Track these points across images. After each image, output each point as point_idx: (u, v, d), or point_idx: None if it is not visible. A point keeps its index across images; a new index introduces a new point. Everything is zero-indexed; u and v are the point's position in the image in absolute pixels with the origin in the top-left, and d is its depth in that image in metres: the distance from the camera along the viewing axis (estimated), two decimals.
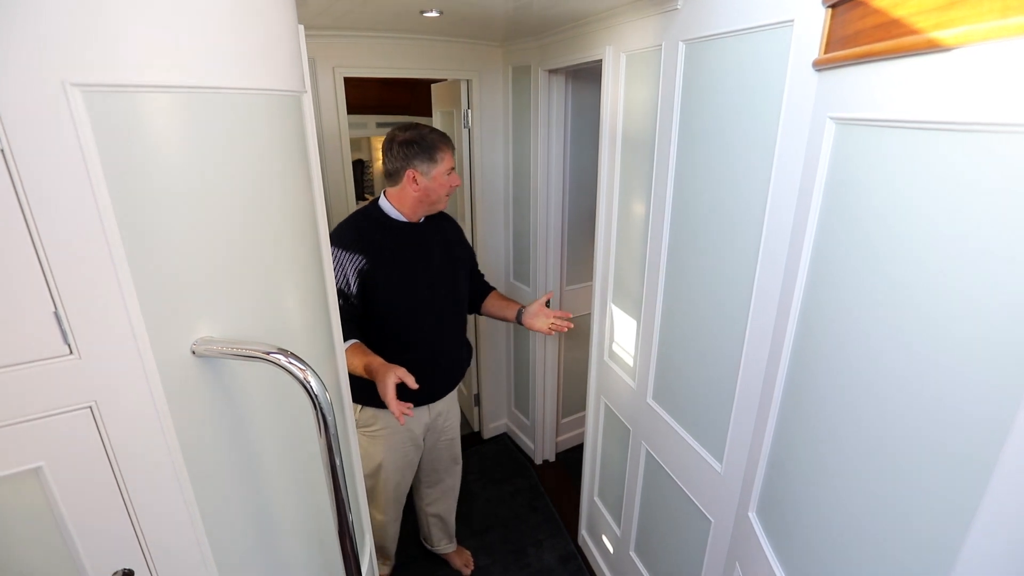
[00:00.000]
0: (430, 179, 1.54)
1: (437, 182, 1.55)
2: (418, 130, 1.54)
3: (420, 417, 1.77)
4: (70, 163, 0.55)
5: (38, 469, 0.60)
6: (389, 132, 1.57)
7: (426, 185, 1.55)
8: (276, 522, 0.87)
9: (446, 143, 1.56)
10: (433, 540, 2.20)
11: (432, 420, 1.83)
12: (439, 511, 2.12)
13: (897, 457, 0.67)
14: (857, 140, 0.74)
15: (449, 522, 2.18)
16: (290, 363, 0.68)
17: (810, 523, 0.87)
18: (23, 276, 0.55)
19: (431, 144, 1.52)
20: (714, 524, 1.34)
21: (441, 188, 1.57)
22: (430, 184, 1.55)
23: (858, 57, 0.70)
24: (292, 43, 0.84)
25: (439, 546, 2.21)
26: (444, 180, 1.56)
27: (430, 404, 1.78)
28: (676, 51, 1.26)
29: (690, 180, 1.29)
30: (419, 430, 1.79)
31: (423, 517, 2.15)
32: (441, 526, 2.17)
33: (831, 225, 0.82)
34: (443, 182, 1.56)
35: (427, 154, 1.52)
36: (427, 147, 1.52)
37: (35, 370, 0.57)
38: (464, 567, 2.23)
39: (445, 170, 1.56)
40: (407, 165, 1.52)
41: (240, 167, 0.71)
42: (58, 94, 0.53)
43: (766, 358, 1.07)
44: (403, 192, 1.57)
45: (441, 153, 1.54)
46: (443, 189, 1.58)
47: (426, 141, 1.52)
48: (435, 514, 2.13)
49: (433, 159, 1.53)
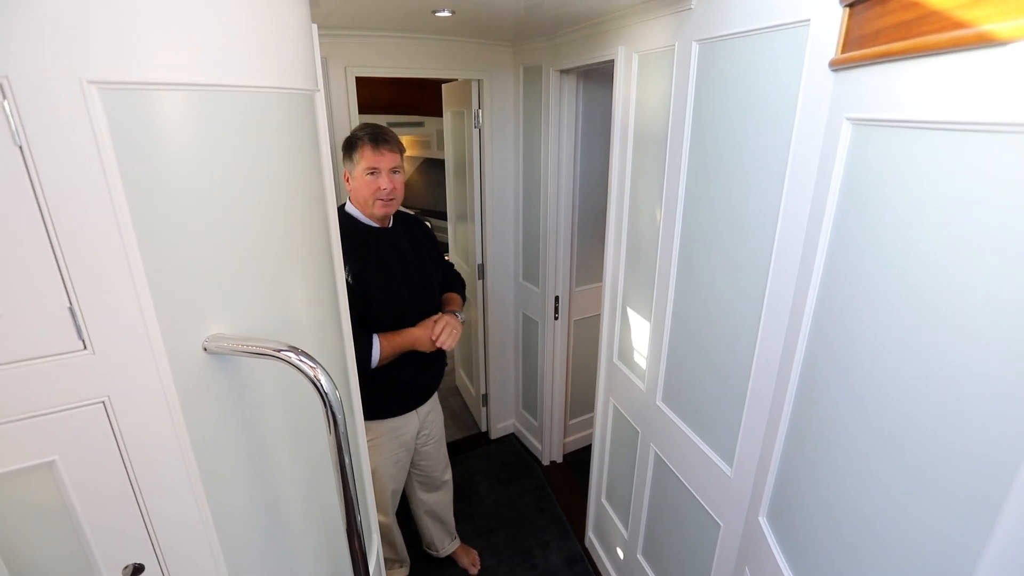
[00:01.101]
0: (354, 179, 1.51)
1: (358, 183, 1.50)
2: (358, 129, 1.50)
3: (410, 422, 1.78)
4: (86, 160, 0.55)
5: (51, 463, 0.60)
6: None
7: (354, 185, 1.52)
8: (285, 518, 0.87)
9: (363, 140, 1.46)
10: (436, 544, 2.19)
11: (421, 422, 1.84)
12: (438, 512, 2.12)
13: (914, 461, 0.65)
14: (876, 141, 0.73)
15: (448, 521, 2.18)
16: (300, 360, 0.68)
17: (822, 528, 0.86)
18: (39, 271, 0.55)
19: (350, 144, 1.48)
20: (723, 528, 1.33)
21: (364, 189, 1.49)
22: (355, 184, 1.51)
23: (878, 56, 0.69)
24: (305, 42, 0.84)
25: (443, 548, 2.21)
26: (364, 181, 1.49)
27: (418, 408, 1.80)
28: (689, 51, 1.25)
29: (703, 181, 1.28)
30: (410, 435, 1.80)
31: (423, 523, 2.14)
32: (441, 527, 2.17)
33: (847, 227, 0.80)
34: (363, 183, 1.49)
35: (348, 152, 1.49)
36: (348, 145, 1.49)
37: (50, 365, 0.58)
38: (471, 566, 2.23)
39: (363, 168, 1.47)
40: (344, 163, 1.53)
41: (253, 165, 0.71)
42: (76, 91, 0.53)
43: (778, 360, 1.06)
44: (351, 193, 1.55)
45: (357, 152, 1.47)
46: (365, 190, 1.49)
47: (350, 139, 1.49)
48: (435, 516, 2.12)
49: (351, 158, 1.49)
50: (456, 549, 2.24)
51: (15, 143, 0.51)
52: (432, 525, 2.15)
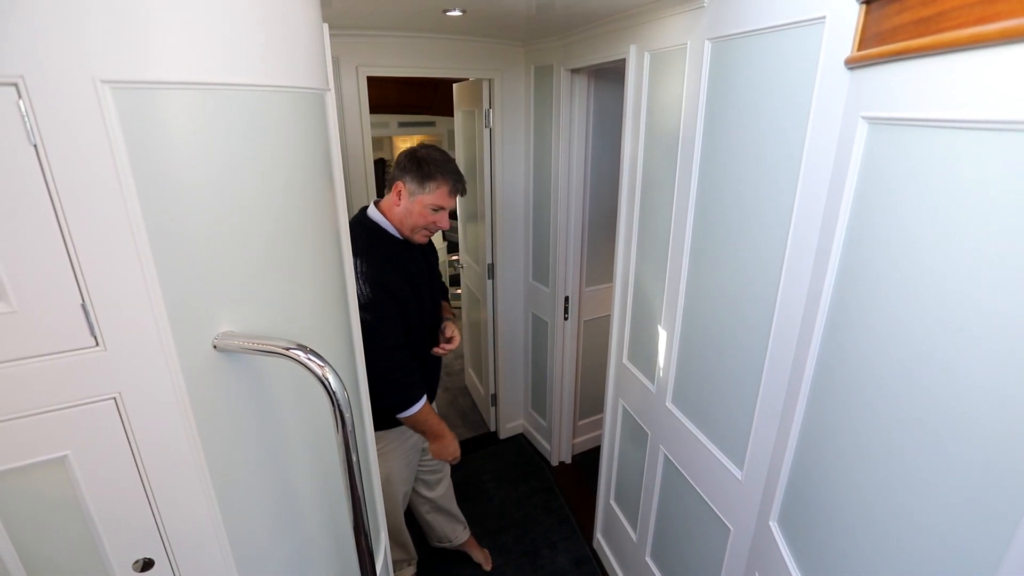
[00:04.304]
0: (411, 201, 1.48)
1: (416, 208, 1.48)
2: (431, 154, 1.48)
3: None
4: (99, 158, 0.56)
5: (64, 458, 0.61)
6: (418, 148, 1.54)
7: (408, 206, 1.48)
8: (295, 516, 0.87)
9: (447, 180, 1.47)
10: (449, 535, 2.20)
11: None
12: (444, 505, 2.14)
13: (931, 468, 0.64)
14: (893, 141, 0.71)
15: (455, 511, 2.20)
16: (309, 359, 0.68)
17: (835, 534, 0.84)
18: (53, 268, 0.56)
19: (428, 172, 1.46)
20: (733, 532, 1.31)
21: (418, 217, 1.49)
22: (411, 206, 1.48)
23: (896, 54, 0.67)
24: (316, 42, 0.85)
25: (457, 537, 2.21)
26: (423, 211, 1.48)
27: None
28: (702, 50, 1.24)
29: (715, 181, 1.27)
30: (418, 436, 1.79)
31: (431, 519, 2.15)
32: (449, 518, 2.18)
33: (861, 227, 0.79)
34: (421, 211, 1.48)
35: (419, 177, 1.46)
36: (424, 171, 1.45)
37: (63, 361, 0.59)
38: (484, 561, 2.25)
39: (430, 202, 1.47)
40: (399, 177, 1.48)
41: (264, 164, 0.71)
42: (89, 91, 0.54)
43: (790, 364, 1.04)
44: (390, 203, 1.52)
45: (433, 183, 1.46)
46: (420, 219, 1.50)
47: (425, 166, 1.46)
48: (441, 510, 2.15)
49: (422, 185, 1.46)
50: (467, 540, 2.26)
51: (30, 142, 0.52)
52: (440, 519, 2.16)
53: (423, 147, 1.51)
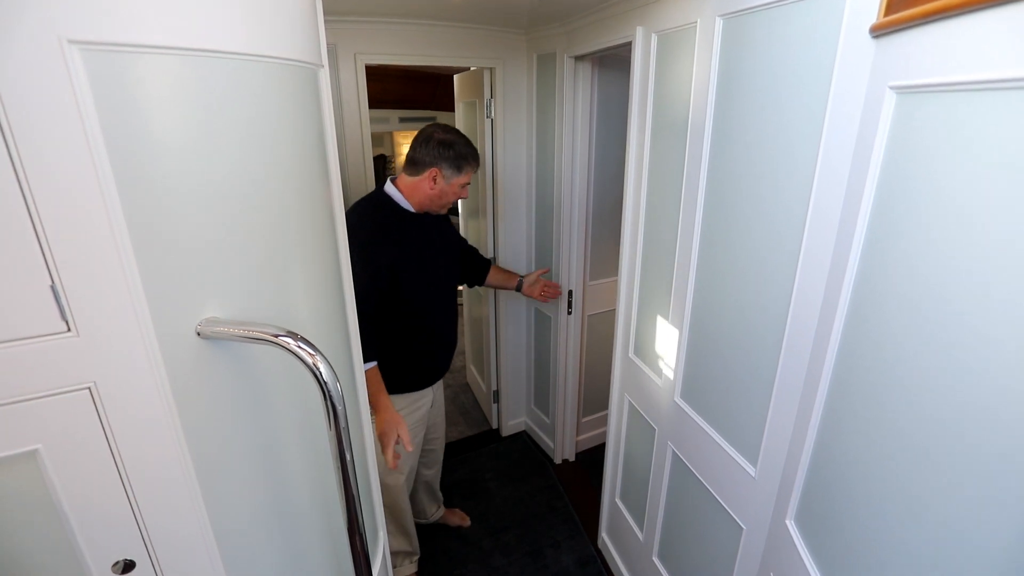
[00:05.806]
0: (447, 184, 1.64)
1: (451, 189, 1.66)
2: (458, 137, 1.63)
3: (428, 397, 1.87)
4: (68, 126, 0.51)
5: (35, 452, 0.57)
6: (429, 126, 1.64)
7: (443, 188, 1.64)
8: (287, 514, 0.83)
9: (474, 160, 1.67)
10: (426, 512, 2.27)
11: (435, 396, 1.95)
12: (431, 482, 2.23)
13: (958, 467, 0.59)
14: (927, 109, 0.66)
15: (436, 489, 2.28)
16: (299, 347, 0.64)
17: (858, 532, 0.79)
18: (18, 246, 0.51)
19: (462, 155, 1.62)
20: (746, 531, 1.26)
21: (452, 196, 1.68)
22: (446, 188, 1.65)
23: (930, 14, 0.62)
24: (309, 13, 0.80)
25: (432, 514, 2.30)
26: (457, 190, 1.68)
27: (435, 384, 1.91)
28: (712, 28, 1.19)
29: (725, 165, 1.22)
30: (426, 409, 1.88)
31: (418, 497, 2.21)
32: (431, 495, 2.26)
33: (891, 204, 0.74)
34: (456, 191, 1.68)
35: (456, 162, 1.62)
36: (458, 156, 1.62)
37: (31, 347, 0.54)
38: (461, 521, 2.36)
39: (462, 182, 1.67)
40: (434, 163, 1.60)
41: (249, 138, 0.67)
42: (56, 52, 0.49)
43: (808, 356, 0.99)
44: (418, 185, 1.64)
45: (468, 167, 1.65)
46: (452, 196, 1.69)
47: (459, 150, 1.62)
48: (428, 487, 2.22)
49: (459, 169, 1.63)
50: (443, 514, 2.33)
51: None
52: (424, 497, 2.24)
53: (442, 129, 1.62)
